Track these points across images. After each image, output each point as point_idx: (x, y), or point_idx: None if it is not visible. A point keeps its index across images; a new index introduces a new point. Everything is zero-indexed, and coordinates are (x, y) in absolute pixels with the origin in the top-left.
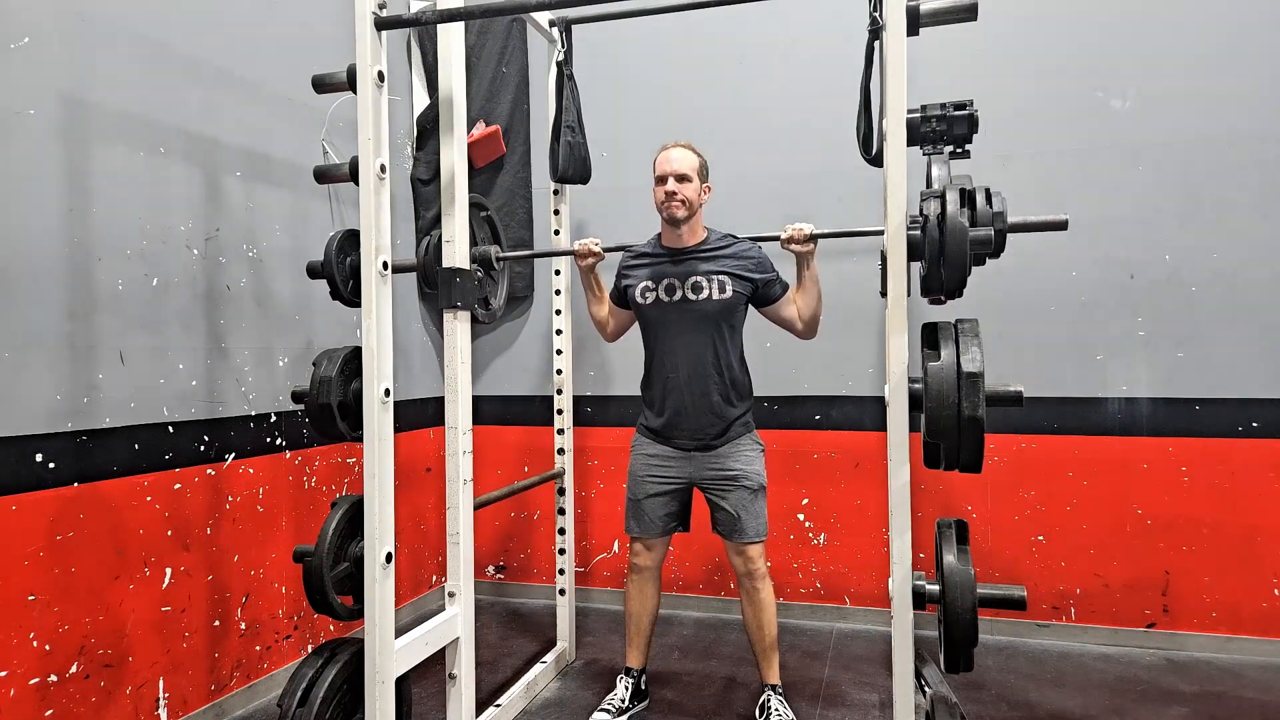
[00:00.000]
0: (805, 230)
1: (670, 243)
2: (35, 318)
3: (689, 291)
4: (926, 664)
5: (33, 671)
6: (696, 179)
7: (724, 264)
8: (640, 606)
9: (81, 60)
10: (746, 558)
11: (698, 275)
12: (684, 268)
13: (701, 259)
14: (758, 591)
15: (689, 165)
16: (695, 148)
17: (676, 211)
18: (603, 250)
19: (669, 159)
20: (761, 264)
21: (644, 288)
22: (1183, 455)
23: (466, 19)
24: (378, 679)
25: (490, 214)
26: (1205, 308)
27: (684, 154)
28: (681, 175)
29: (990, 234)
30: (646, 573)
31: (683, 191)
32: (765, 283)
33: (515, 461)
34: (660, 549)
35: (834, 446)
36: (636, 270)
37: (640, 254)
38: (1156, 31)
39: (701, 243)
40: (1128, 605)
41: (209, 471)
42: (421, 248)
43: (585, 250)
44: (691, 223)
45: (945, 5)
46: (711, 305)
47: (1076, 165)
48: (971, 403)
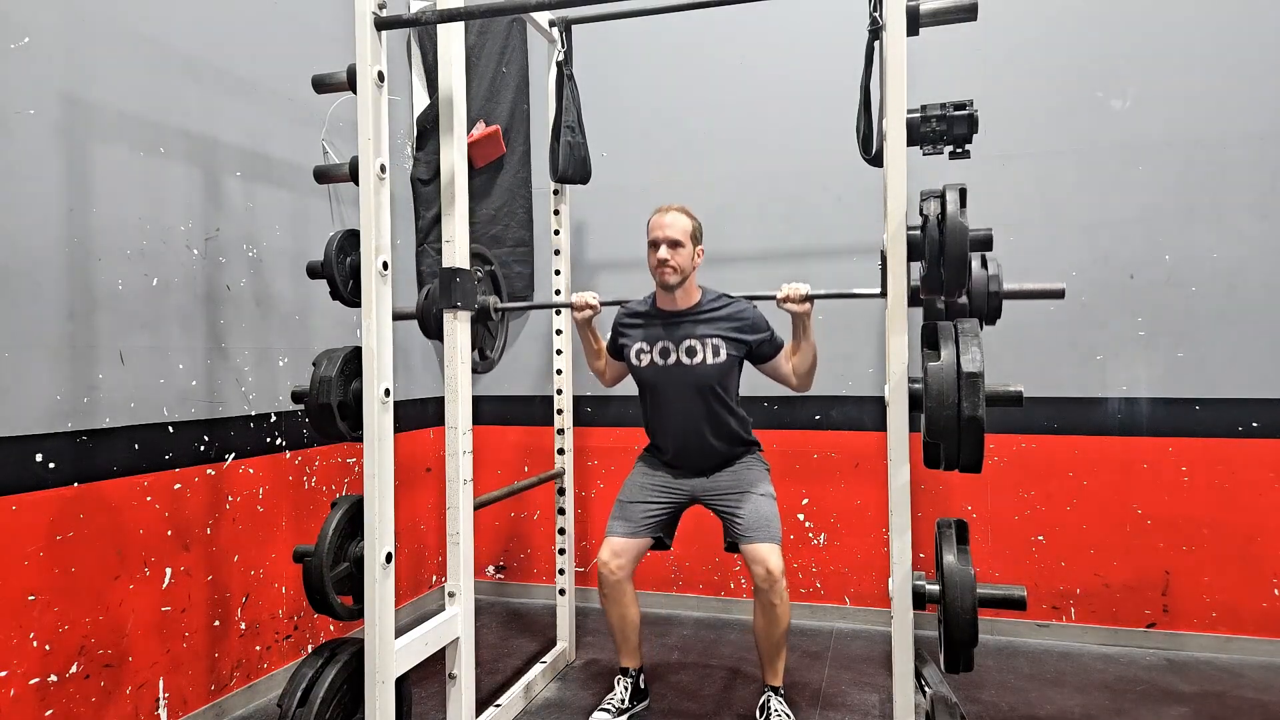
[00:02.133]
0: (801, 290)
1: (664, 305)
2: (35, 318)
3: (683, 355)
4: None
5: (33, 671)
6: (689, 244)
7: (718, 327)
8: (620, 615)
9: (81, 60)
10: (768, 565)
11: (692, 339)
12: (678, 331)
13: (695, 322)
14: (775, 608)
15: (681, 230)
16: (689, 211)
17: (669, 278)
18: (600, 304)
19: (662, 224)
20: (755, 324)
21: (638, 349)
22: (1183, 455)
23: (466, 19)
24: (378, 679)
25: (494, 268)
26: (1205, 308)
27: (676, 219)
28: (674, 241)
29: (990, 233)
30: (617, 584)
31: (675, 258)
32: (759, 343)
33: (515, 461)
34: (631, 554)
35: (834, 446)
36: (631, 330)
37: (635, 313)
38: (1156, 31)
39: (695, 305)
40: (1128, 605)
41: (209, 471)
42: (422, 295)
43: (582, 303)
44: (685, 286)
45: (945, 5)
46: (706, 370)
47: (1076, 165)
48: (971, 403)
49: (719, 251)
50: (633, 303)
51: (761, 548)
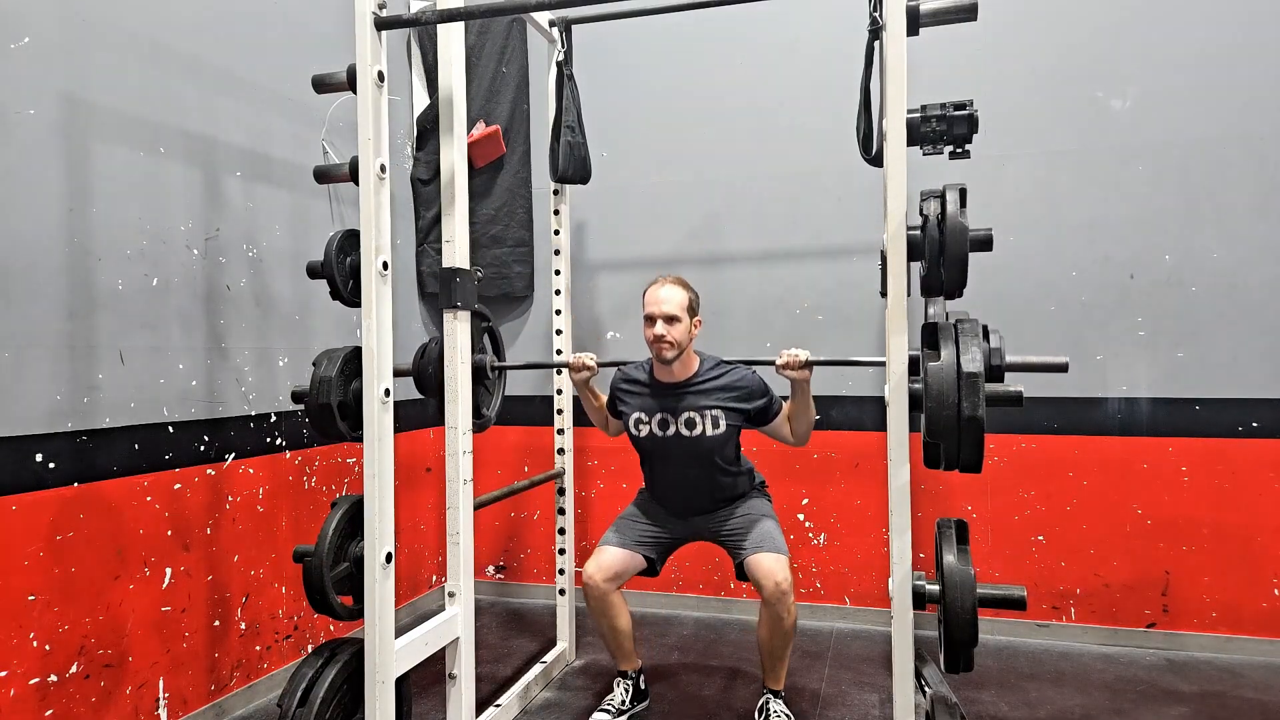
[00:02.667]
0: (800, 357)
1: (662, 377)
2: (35, 318)
3: (683, 428)
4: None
5: (33, 671)
6: (685, 318)
7: (717, 398)
8: (610, 626)
9: (81, 60)
10: (776, 576)
11: (691, 411)
12: (676, 403)
13: (694, 393)
14: (783, 620)
15: (678, 305)
16: (685, 282)
17: (666, 353)
18: (597, 365)
19: (657, 300)
20: (753, 392)
21: (637, 419)
22: (1183, 455)
23: (466, 19)
24: (378, 679)
25: (491, 325)
26: (1205, 308)
27: (672, 293)
28: (670, 317)
29: (990, 233)
30: (602, 596)
31: (671, 334)
32: (758, 410)
33: (515, 461)
34: (617, 569)
35: (834, 446)
36: (629, 398)
37: (633, 379)
38: (1156, 31)
39: (693, 376)
40: (1128, 605)
41: (209, 471)
42: (417, 353)
43: (580, 364)
44: (683, 358)
45: (945, 5)
46: (706, 441)
47: (1076, 165)
48: (971, 403)
49: (718, 252)
50: (630, 366)
51: (767, 559)
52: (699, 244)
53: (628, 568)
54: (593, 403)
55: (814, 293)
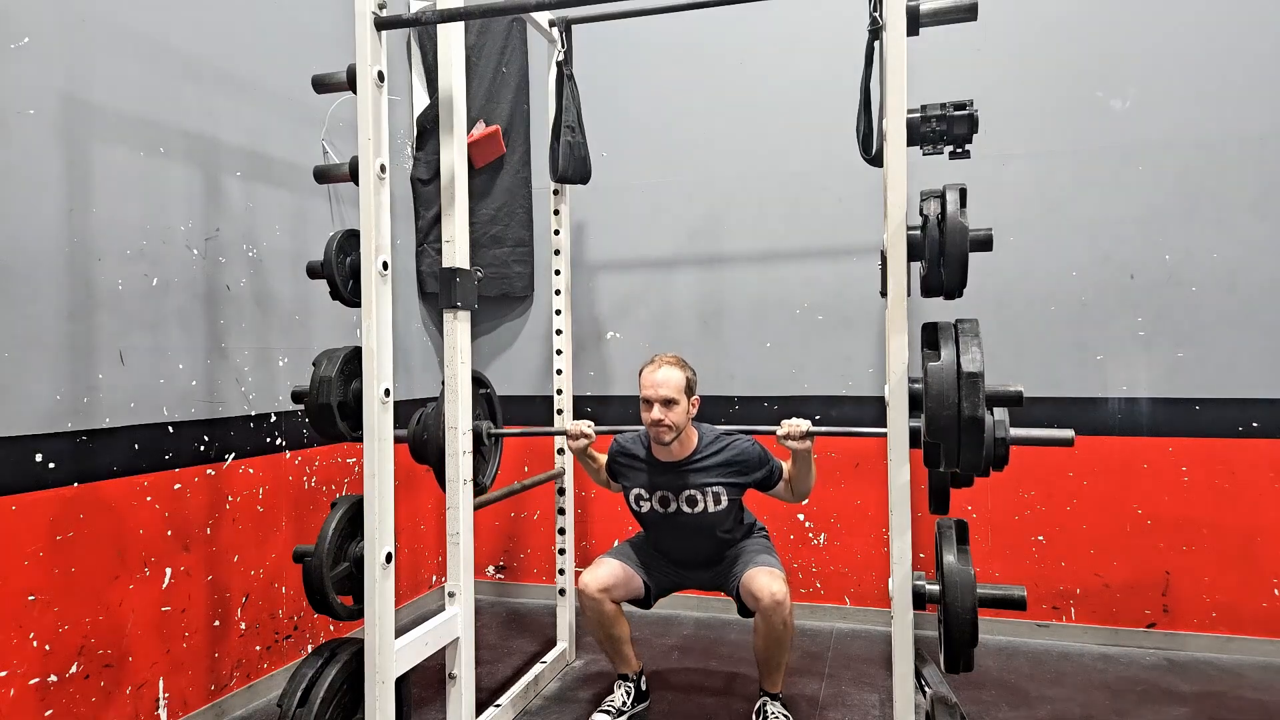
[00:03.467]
0: (802, 427)
1: (661, 456)
2: (35, 318)
3: (684, 505)
4: (926, 664)
5: (33, 671)
6: (683, 399)
7: (716, 474)
8: (606, 632)
9: (81, 60)
10: (772, 587)
11: (691, 489)
12: (677, 480)
13: (694, 470)
14: (778, 631)
15: (675, 388)
16: (682, 362)
17: (664, 436)
18: (595, 433)
19: (654, 383)
20: (754, 462)
21: (637, 495)
22: (1183, 455)
23: (466, 19)
24: (378, 679)
25: (490, 392)
26: (1205, 308)
27: (669, 376)
28: (668, 400)
29: (990, 233)
30: (598, 604)
31: (669, 417)
32: (760, 479)
33: (515, 461)
34: (612, 581)
35: (834, 446)
36: (628, 471)
37: (631, 454)
38: (1156, 31)
39: (692, 454)
40: (1128, 605)
41: (209, 471)
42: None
43: (578, 432)
44: (681, 437)
45: (945, 5)
46: (708, 517)
47: (1076, 165)
48: (971, 403)
49: (719, 253)
50: (627, 439)
51: (763, 573)
52: (699, 244)
53: (623, 585)
54: (592, 465)
55: (814, 293)
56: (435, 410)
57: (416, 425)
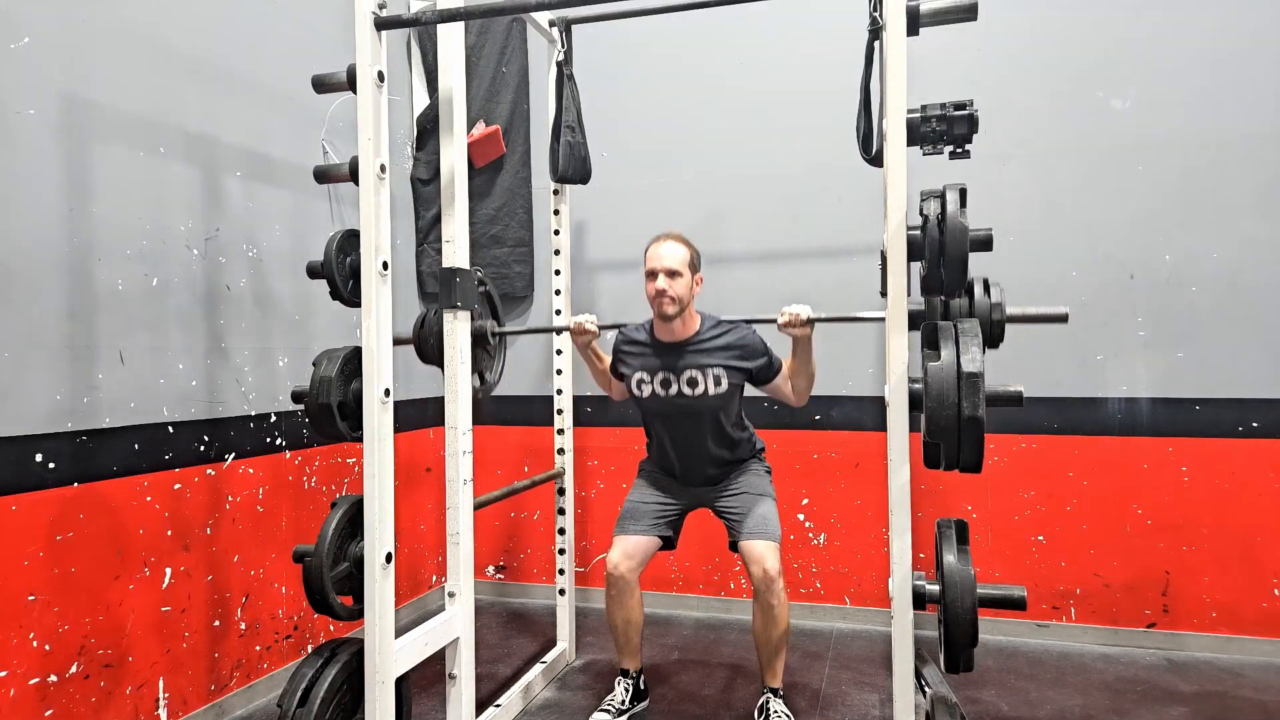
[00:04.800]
0: (802, 314)
1: (663, 336)
2: (35, 317)
3: (684, 386)
4: (926, 664)
5: (33, 671)
6: (687, 273)
7: (718, 356)
8: (623, 619)
9: (81, 60)
10: (765, 564)
11: (692, 370)
12: (678, 361)
13: (696, 351)
14: (773, 608)
15: (679, 260)
16: (686, 239)
17: (667, 309)
18: (598, 328)
19: (659, 255)
20: (755, 350)
21: (639, 380)
22: (1183, 455)
23: (466, 19)
24: (378, 679)
25: (489, 289)
26: (1205, 308)
27: (674, 249)
28: (672, 271)
29: (990, 233)
30: (624, 583)
31: (673, 289)
32: (760, 368)
33: (515, 461)
34: (641, 555)
35: (834, 446)
36: (630, 358)
37: (634, 340)
38: (1156, 32)
39: (695, 335)
40: (1128, 605)
41: (209, 471)
42: (418, 322)
43: (580, 328)
44: (684, 315)
45: (945, 5)
46: (708, 400)
47: (1076, 165)
48: (971, 403)
49: (719, 252)
50: (630, 328)
51: (758, 545)
52: (699, 244)
53: (647, 551)
54: (596, 365)
55: (814, 293)
56: (436, 316)
57: (421, 329)
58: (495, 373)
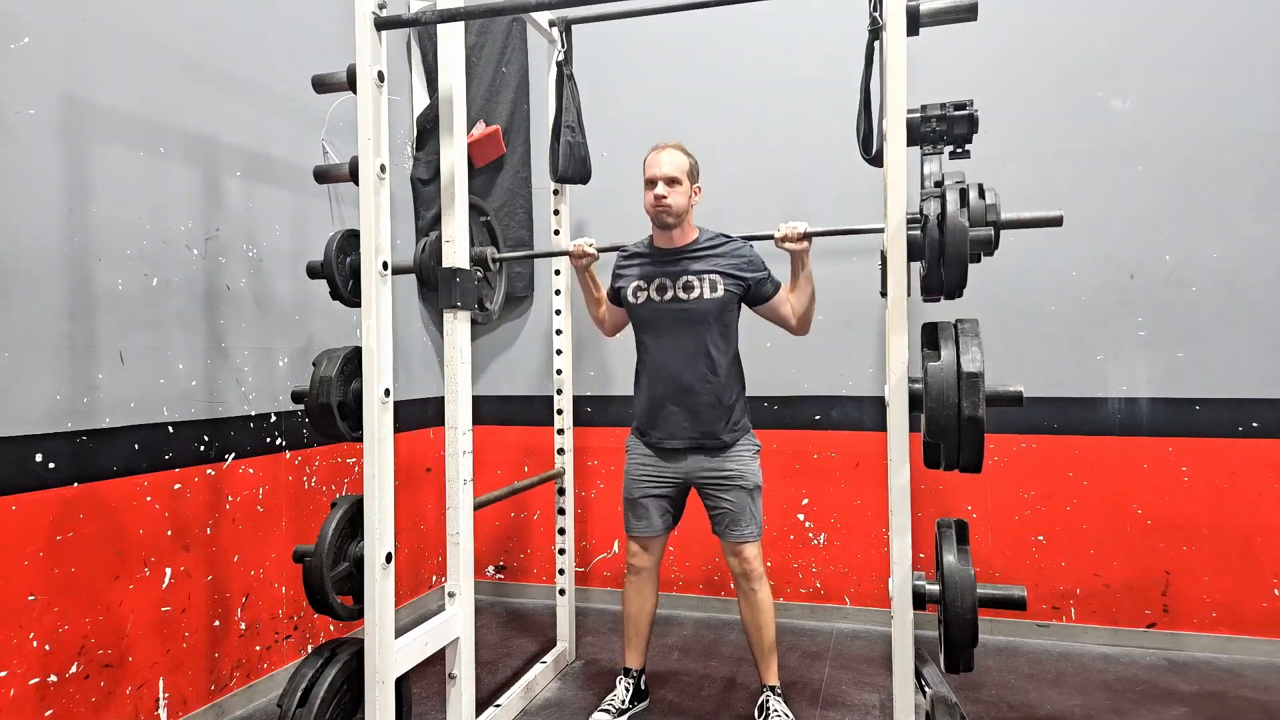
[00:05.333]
0: (799, 229)
1: (661, 243)
2: (35, 318)
3: (680, 291)
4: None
5: (33, 671)
6: (686, 181)
7: (715, 263)
8: (638, 607)
9: (81, 60)
10: (743, 558)
11: (689, 275)
12: (675, 267)
13: (693, 258)
14: (755, 593)
15: (678, 168)
16: (685, 148)
17: (665, 216)
18: (597, 250)
19: (658, 162)
20: (753, 262)
21: (635, 287)
22: (1183, 455)
23: (466, 19)
24: (378, 679)
25: (489, 219)
26: (1205, 308)
27: (673, 156)
28: (671, 179)
29: (990, 234)
30: (645, 573)
31: (671, 195)
32: (757, 281)
33: (515, 461)
34: (658, 548)
35: (834, 446)
36: (628, 270)
37: (633, 254)
38: (1156, 32)
39: (692, 242)
40: (1128, 605)
41: (209, 471)
42: (419, 248)
43: (580, 251)
44: (682, 224)
45: (945, 5)
46: (704, 305)
47: (1076, 165)
48: (971, 403)
49: None
50: (630, 245)
51: (734, 539)
52: None
53: (662, 542)
54: (593, 293)
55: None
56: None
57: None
58: (495, 301)
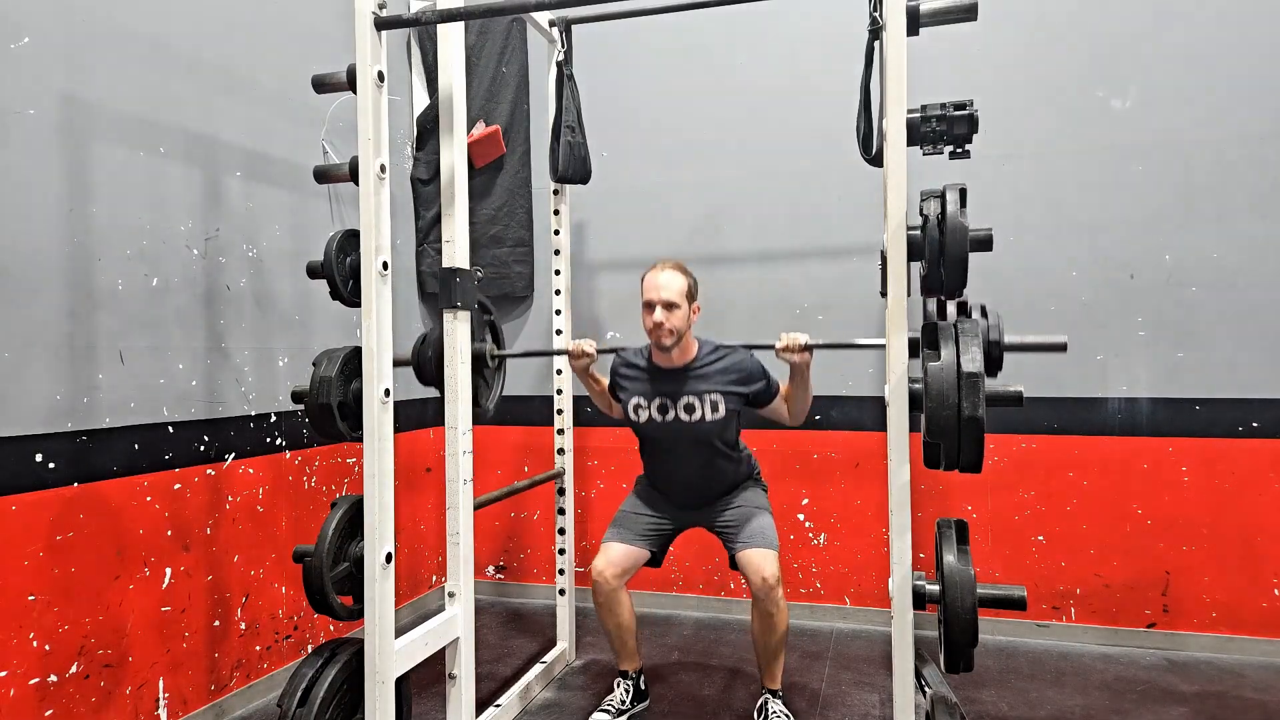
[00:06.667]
0: (800, 340)
1: (661, 362)
2: (35, 318)
3: (682, 413)
4: (926, 664)
5: (33, 671)
6: (684, 304)
7: (715, 382)
8: (616, 621)
9: (81, 60)
10: (764, 570)
11: (690, 396)
12: (676, 387)
13: (693, 378)
14: (772, 616)
15: (677, 292)
16: (684, 267)
17: (664, 340)
18: (596, 351)
19: (656, 286)
20: (752, 374)
21: (636, 405)
22: (1183, 455)
23: (466, 19)
24: (378, 679)
25: (493, 318)
26: (1205, 308)
27: (671, 279)
28: (669, 303)
29: (990, 233)
30: (612, 592)
31: (670, 321)
32: (757, 392)
33: (515, 461)
34: (626, 564)
35: (834, 446)
36: (628, 382)
37: (632, 364)
38: (1156, 31)
39: (692, 361)
40: (1128, 605)
41: (209, 471)
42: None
43: (579, 351)
44: (681, 344)
45: (945, 5)
46: (705, 426)
47: (1076, 165)
48: (971, 403)
49: (719, 252)
50: (628, 351)
51: (756, 554)
52: (699, 244)
53: (634, 562)
54: (594, 387)
55: (814, 293)
56: (438, 333)
57: (421, 346)
58: (491, 399)
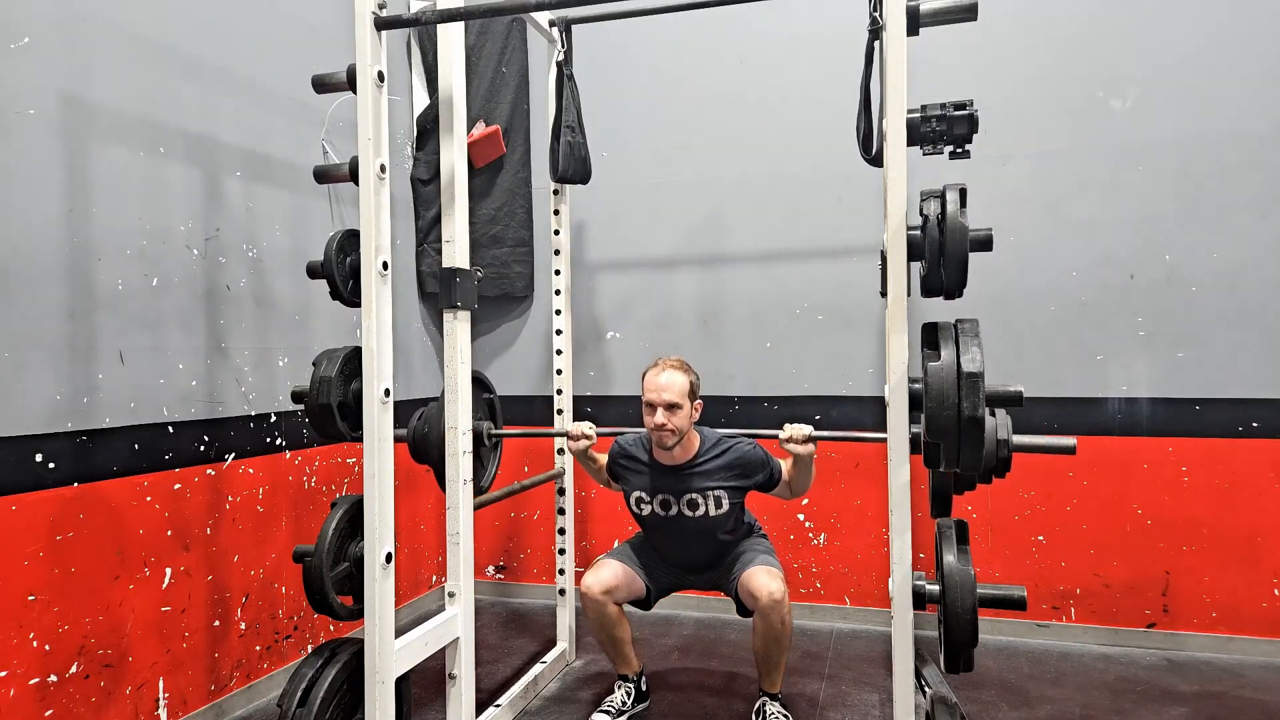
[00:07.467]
0: (805, 432)
1: (663, 459)
2: (35, 318)
3: (685, 509)
4: (926, 664)
5: (33, 671)
6: (686, 404)
7: (718, 478)
8: (609, 633)
9: (81, 60)
10: (770, 586)
11: (692, 493)
12: (678, 484)
13: (696, 474)
14: (777, 630)
15: (679, 392)
16: (685, 365)
17: (667, 441)
18: (595, 435)
19: (658, 387)
20: (755, 465)
21: (638, 498)
22: (1183, 455)
23: (466, 19)
24: (378, 679)
25: (492, 397)
26: (1205, 308)
27: (673, 380)
28: (671, 404)
29: (990, 233)
30: (600, 605)
31: (672, 422)
32: (759, 483)
33: (515, 461)
34: (615, 583)
35: (834, 446)
36: (629, 474)
37: (632, 456)
38: (1156, 31)
39: (694, 458)
40: (1128, 605)
41: (209, 471)
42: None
43: (579, 434)
44: (683, 441)
45: (945, 5)
46: (709, 521)
47: (1076, 165)
48: (971, 403)
49: (719, 252)
50: (628, 440)
51: (760, 572)
52: (699, 244)
53: (625, 587)
54: (592, 466)
55: (814, 293)
56: (436, 409)
57: (418, 422)
58: (488, 478)
